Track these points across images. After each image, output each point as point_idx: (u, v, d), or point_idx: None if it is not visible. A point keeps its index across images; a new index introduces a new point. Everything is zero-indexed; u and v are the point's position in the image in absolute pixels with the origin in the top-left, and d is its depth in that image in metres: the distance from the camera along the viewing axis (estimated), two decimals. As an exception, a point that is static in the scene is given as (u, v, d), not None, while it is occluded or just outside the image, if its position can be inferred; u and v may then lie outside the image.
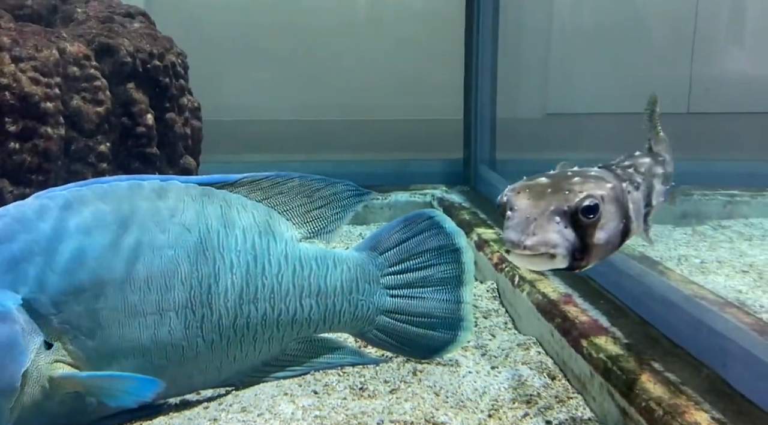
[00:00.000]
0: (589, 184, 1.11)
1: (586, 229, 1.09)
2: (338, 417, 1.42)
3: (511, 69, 3.56)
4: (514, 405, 1.51)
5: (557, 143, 3.44)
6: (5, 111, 1.83)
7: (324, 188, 1.76)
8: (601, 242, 1.10)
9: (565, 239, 1.07)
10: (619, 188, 1.15)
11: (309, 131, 3.70)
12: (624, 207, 1.15)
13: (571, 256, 1.08)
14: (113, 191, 1.54)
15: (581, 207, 1.07)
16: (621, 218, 1.14)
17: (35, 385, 1.41)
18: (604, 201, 1.10)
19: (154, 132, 2.14)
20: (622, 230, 1.14)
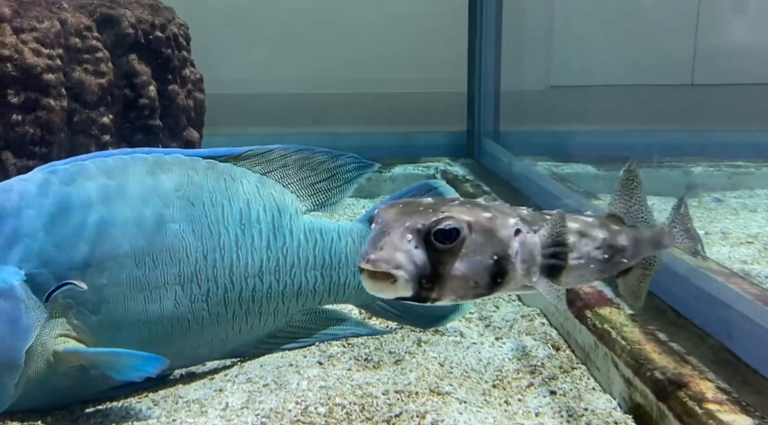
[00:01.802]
0: (460, 208, 0.98)
1: (440, 255, 0.95)
2: (343, 387, 1.43)
3: (515, 41, 3.54)
4: (518, 376, 1.51)
5: (560, 115, 3.42)
6: (7, 83, 1.82)
7: (328, 161, 1.75)
8: (457, 274, 0.96)
9: (412, 261, 0.94)
10: (503, 223, 0.99)
11: (312, 105, 3.68)
12: (502, 245, 0.98)
13: (416, 282, 0.95)
14: (117, 165, 1.54)
15: (436, 229, 0.94)
16: (492, 255, 0.98)
17: (40, 359, 1.41)
18: (472, 230, 0.96)
19: (157, 104, 2.13)
20: (492, 268, 0.98)
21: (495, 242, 0.98)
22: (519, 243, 1.00)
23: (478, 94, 3.57)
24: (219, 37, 3.43)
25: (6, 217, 1.42)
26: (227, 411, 1.36)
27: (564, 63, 3.57)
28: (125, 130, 2.08)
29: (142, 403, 1.50)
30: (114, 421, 1.43)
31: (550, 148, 3.26)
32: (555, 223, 1.02)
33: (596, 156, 3.18)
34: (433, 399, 1.37)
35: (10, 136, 1.83)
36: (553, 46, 3.59)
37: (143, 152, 1.60)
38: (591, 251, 1.08)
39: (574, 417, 1.34)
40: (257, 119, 3.60)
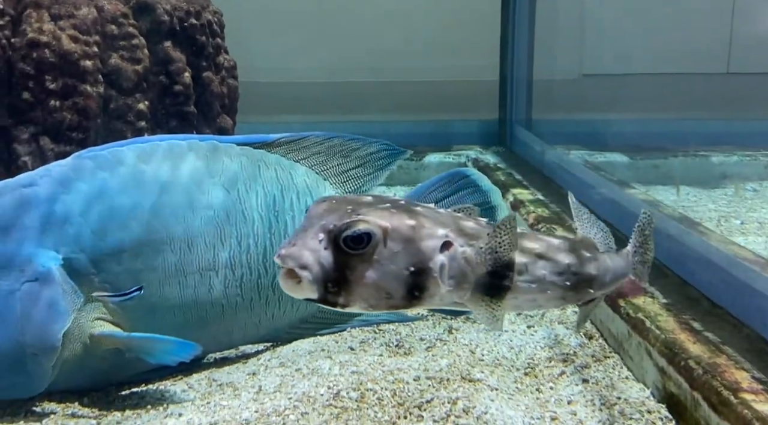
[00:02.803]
0: (383, 213, 0.91)
1: (350, 260, 0.89)
2: (375, 373, 1.44)
3: (548, 29, 3.51)
4: (550, 364, 1.51)
5: (593, 103, 3.39)
6: (45, 69, 1.85)
7: (361, 148, 1.76)
8: (367, 282, 0.89)
9: (318, 262, 0.89)
10: (428, 233, 0.92)
11: (344, 93, 3.69)
12: (421, 256, 0.91)
13: (322, 285, 0.89)
14: (153, 151, 1.55)
15: (345, 233, 0.88)
16: (409, 267, 0.90)
17: (76, 342, 1.44)
18: (388, 237, 0.89)
19: (192, 91, 2.15)
20: (408, 281, 0.90)
21: (414, 253, 0.90)
22: (448, 257, 0.92)
23: (510, 82, 3.55)
24: (252, 25, 3.44)
25: (43, 202, 1.44)
26: (260, 395, 1.37)
27: (597, 51, 3.53)
28: (160, 116, 2.10)
29: (176, 386, 1.52)
30: (149, 403, 1.45)
31: (583, 136, 3.24)
32: (493, 239, 0.93)
33: (630, 145, 3.16)
34: (464, 386, 1.37)
35: (48, 122, 1.85)
36: (586, 34, 3.55)
37: (178, 138, 1.61)
38: (548, 276, 0.97)
39: (607, 406, 1.34)
40: (289, 107, 3.61)
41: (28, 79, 1.83)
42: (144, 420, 1.35)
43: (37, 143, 1.84)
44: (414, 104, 3.68)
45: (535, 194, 2.51)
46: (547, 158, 2.94)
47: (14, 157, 1.83)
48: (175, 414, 1.34)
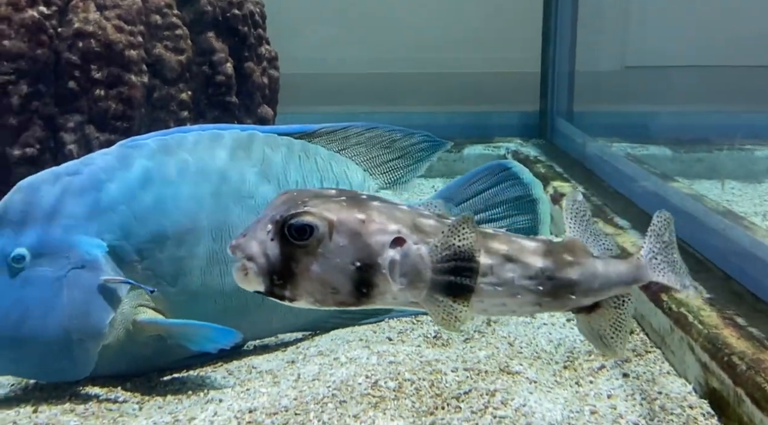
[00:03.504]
0: (331, 205, 0.89)
1: (295, 252, 0.88)
2: (412, 363, 1.44)
3: (591, 20, 3.47)
4: (590, 357, 1.50)
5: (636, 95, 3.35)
6: (91, 58, 1.88)
7: (401, 139, 1.76)
8: (312, 276, 0.88)
9: (264, 253, 0.88)
10: (378, 228, 0.89)
11: (384, 84, 3.68)
12: (368, 252, 0.88)
13: (267, 277, 0.89)
14: (196, 141, 1.57)
15: (290, 223, 0.87)
16: (356, 261, 0.88)
17: (120, 328, 1.46)
18: (333, 230, 0.88)
19: (234, 81, 2.16)
20: (354, 276, 0.88)
21: (360, 248, 0.88)
22: (400, 254, 0.89)
23: (552, 74, 3.52)
24: (293, 15, 3.45)
25: (88, 190, 1.47)
26: (299, 382, 1.38)
27: (640, 43, 3.48)
28: (202, 106, 2.12)
29: (216, 372, 1.54)
30: (190, 389, 1.47)
31: (626, 129, 3.20)
32: (448, 236, 0.89)
33: (673, 138, 3.11)
34: (502, 378, 1.37)
35: (93, 110, 1.88)
36: (630, 25, 3.50)
37: (220, 128, 1.63)
38: (517, 279, 0.93)
39: (648, 401, 1.32)
40: (329, 98, 3.62)
41: (74, 69, 1.86)
42: (185, 406, 1.37)
43: (82, 131, 1.87)
44: (454, 95, 3.66)
45: (576, 187, 2.48)
46: (588, 150, 2.91)
47: (60, 145, 1.86)
48: (215, 399, 1.36)
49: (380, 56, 3.65)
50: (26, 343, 1.39)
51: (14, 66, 1.81)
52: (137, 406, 1.41)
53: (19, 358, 1.41)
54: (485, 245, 0.92)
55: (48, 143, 1.86)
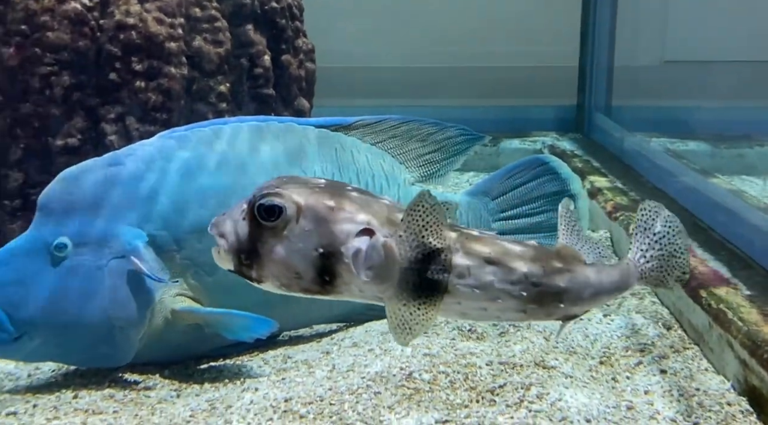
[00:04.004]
0: (302, 189, 0.88)
1: (262, 233, 0.88)
2: (447, 356, 1.44)
3: (630, 14, 3.43)
4: (627, 353, 1.48)
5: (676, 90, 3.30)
6: (131, 50, 1.90)
7: (437, 132, 1.76)
8: (276, 258, 0.88)
9: (235, 232, 0.89)
10: (346, 217, 0.88)
11: (419, 78, 3.68)
12: (332, 239, 0.87)
13: (236, 256, 0.90)
14: (233, 132, 1.59)
15: (259, 203, 0.87)
16: (319, 248, 0.87)
17: (159, 316, 1.48)
18: (300, 214, 0.87)
19: (271, 73, 2.18)
20: (316, 263, 0.87)
21: (325, 235, 0.87)
22: (366, 245, 0.86)
23: (590, 68, 3.49)
24: (330, 9, 3.46)
25: (129, 180, 1.49)
26: (334, 373, 1.39)
27: (680, 37, 3.44)
28: (240, 98, 2.13)
29: (252, 361, 1.55)
30: (227, 377, 1.48)
31: (665, 124, 3.16)
32: (415, 231, 0.85)
33: (713, 134, 3.06)
34: (537, 372, 1.36)
35: (133, 102, 1.91)
36: (670, 20, 3.46)
37: (258, 120, 1.64)
38: (497, 283, 0.89)
39: (685, 397, 1.31)
40: (365, 91, 3.62)
41: (115, 61, 1.89)
42: (222, 394, 1.39)
43: (123, 122, 1.90)
44: (490, 89, 3.65)
45: (614, 182, 2.46)
46: (626, 145, 2.88)
47: (101, 136, 1.89)
48: (251, 388, 1.37)
49: (417, 50, 3.65)
50: (68, 330, 1.41)
51: (57, 57, 1.84)
52: (175, 393, 1.43)
53: (61, 345, 1.43)
54: (465, 246, 0.89)
55: (89, 133, 1.89)
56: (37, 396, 1.41)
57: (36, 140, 1.85)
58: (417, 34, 3.64)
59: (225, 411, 1.28)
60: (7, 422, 1.30)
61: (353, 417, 1.24)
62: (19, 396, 1.42)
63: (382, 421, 1.23)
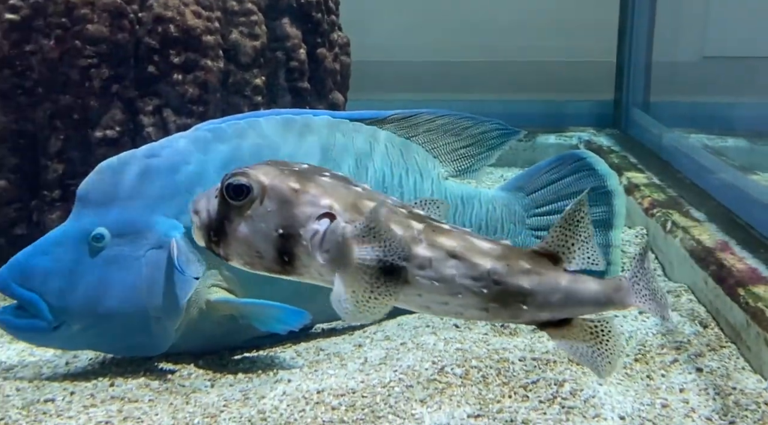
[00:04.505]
0: (270, 170, 0.91)
1: (229, 211, 0.90)
2: (479, 351, 1.43)
3: (670, 10, 3.38)
4: (662, 351, 1.47)
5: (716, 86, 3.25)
6: (169, 43, 1.91)
7: (472, 127, 1.75)
8: (239, 236, 0.90)
9: (207, 209, 0.92)
10: (309, 200, 0.89)
11: (455, 72, 3.66)
12: (293, 221, 0.88)
13: (206, 233, 0.93)
14: (268, 125, 1.59)
15: (227, 182, 0.90)
16: (279, 229, 0.89)
17: (195, 307, 1.50)
18: (265, 194, 0.89)
19: (306, 67, 2.18)
20: (276, 243, 0.89)
21: (286, 216, 0.89)
22: (326, 229, 0.88)
23: (628, 64, 3.45)
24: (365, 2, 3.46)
25: (166, 172, 1.50)
26: (366, 366, 1.40)
27: (720, 33, 3.38)
28: (275, 91, 2.14)
29: (285, 353, 1.56)
30: (260, 368, 1.49)
31: (704, 120, 3.11)
32: (371, 218, 0.86)
33: (753, 130, 3.01)
34: (571, 369, 1.36)
35: (171, 94, 1.92)
36: (710, 15, 3.40)
37: (293, 113, 1.65)
38: (458, 278, 0.88)
39: (722, 396, 1.29)
40: (399, 85, 3.61)
41: (153, 53, 1.91)
42: (255, 384, 1.40)
43: (160, 114, 1.92)
44: (526, 84, 3.62)
45: (651, 178, 2.43)
46: (664, 141, 2.85)
47: (139, 128, 1.91)
48: (284, 379, 1.38)
49: (453, 44, 3.63)
50: (106, 319, 1.43)
51: (96, 50, 1.86)
52: (209, 383, 1.44)
53: (99, 334, 1.46)
54: (430, 238, 0.88)
55: (127, 125, 1.91)
56: (74, 384, 1.44)
57: (75, 131, 1.88)
58: (453, 28, 3.63)
59: (258, 401, 1.29)
60: (46, 409, 1.32)
61: (385, 410, 1.24)
62: (57, 383, 1.45)
63: (414, 415, 1.23)
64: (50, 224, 1.81)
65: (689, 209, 2.04)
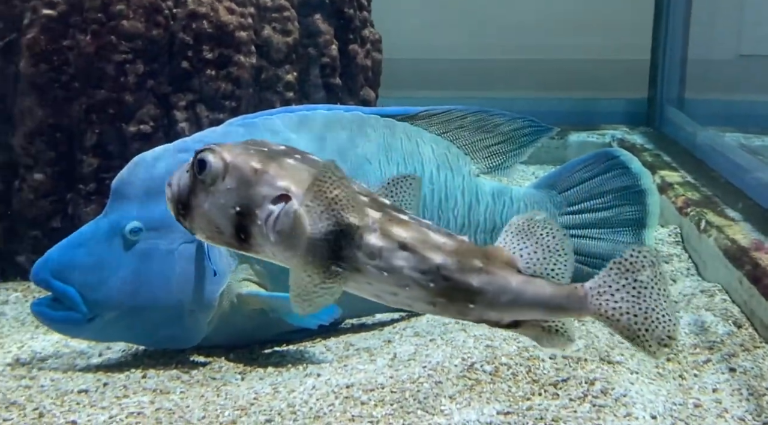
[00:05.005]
0: (237, 148, 0.92)
1: (195, 186, 0.92)
2: (509, 348, 1.43)
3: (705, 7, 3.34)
4: (695, 351, 1.45)
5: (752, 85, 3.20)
6: (203, 39, 1.93)
7: (504, 124, 1.74)
8: (201, 211, 0.92)
9: (178, 182, 0.94)
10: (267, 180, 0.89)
11: (486, 70, 3.65)
12: (250, 200, 0.89)
13: (175, 205, 0.94)
14: (300, 121, 1.60)
15: (196, 156, 0.91)
16: (236, 206, 0.89)
17: (226, 300, 1.51)
18: (227, 172, 0.90)
19: (338, 63, 2.19)
20: (233, 220, 0.90)
21: (244, 195, 0.89)
22: (281, 210, 0.88)
23: (662, 61, 3.41)
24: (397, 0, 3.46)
25: (198, 167, 1.51)
26: (395, 361, 1.40)
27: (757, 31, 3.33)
28: (307, 87, 2.15)
29: (315, 348, 1.57)
30: (290, 362, 1.50)
31: (740, 118, 3.07)
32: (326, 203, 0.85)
33: (791, 130, 2.97)
34: (602, 367, 1.34)
35: (204, 90, 1.94)
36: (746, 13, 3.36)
37: (324, 108, 1.65)
38: (407, 270, 0.87)
39: (755, 396, 1.27)
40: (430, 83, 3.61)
41: (187, 49, 1.92)
42: (285, 378, 1.41)
43: (193, 110, 1.93)
44: (557, 81, 3.60)
45: (685, 177, 2.40)
46: (699, 139, 2.81)
47: (173, 123, 1.93)
48: (314, 374, 1.39)
49: (484, 41, 3.62)
50: (140, 312, 1.45)
51: (131, 45, 1.88)
52: (239, 376, 1.45)
53: (132, 326, 1.47)
54: (384, 227, 0.87)
55: (161, 120, 1.93)
56: (107, 375, 1.46)
57: (110, 125, 1.90)
58: (485, 25, 3.62)
59: (288, 394, 1.29)
60: (79, 399, 1.34)
61: (414, 406, 1.24)
62: (90, 374, 1.47)
63: (443, 410, 1.23)
64: (85, 217, 1.84)
65: (724, 208, 2.01)
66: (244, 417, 1.23)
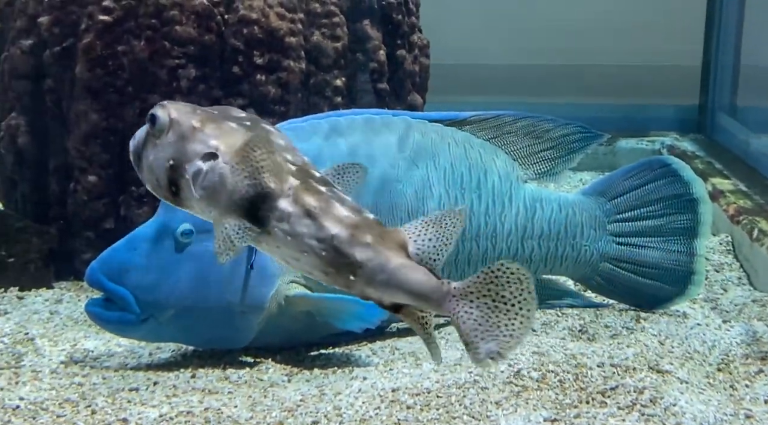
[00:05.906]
0: (187, 107, 0.98)
1: (147, 139, 0.98)
2: (557, 355, 1.42)
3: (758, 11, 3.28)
4: (746, 361, 1.43)
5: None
6: (254, 44, 1.96)
7: (553, 130, 1.73)
8: (146, 161, 0.98)
9: (138, 136, 1.00)
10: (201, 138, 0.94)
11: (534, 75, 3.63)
12: (181, 155, 0.95)
13: (135, 157, 1.00)
14: (349, 125, 1.61)
15: (150, 112, 0.98)
16: (170, 160, 0.95)
17: (274, 302, 1.53)
18: (171, 127, 0.96)
19: (386, 68, 2.20)
20: (168, 173, 0.96)
21: (178, 150, 0.95)
22: (208, 167, 0.93)
23: (714, 67, 3.36)
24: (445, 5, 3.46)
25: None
26: (441, 366, 1.40)
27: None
28: (355, 92, 2.16)
29: (361, 351, 1.58)
30: (336, 365, 1.51)
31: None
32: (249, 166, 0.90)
33: None
34: (651, 376, 1.33)
35: (254, 94, 1.97)
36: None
37: (372, 113, 1.66)
38: (306, 237, 0.90)
39: (810, 410, 1.25)
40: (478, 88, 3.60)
41: (238, 54, 1.95)
42: (331, 380, 1.42)
43: (244, 114, 1.96)
44: (606, 87, 3.56)
45: (737, 185, 2.37)
46: (751, 147, 2.76)
47: (223, 127, 1.95)
48: (359, 377, 1.39)
49: (532, 47, 3.60)
50: (192, 313, 1.48)
51: (184, 51, 1.91)
52: (286, 378, 1.46)
53: (184, 327, 1.50)
54: (297, 194, 0.91)
55: (212, 124, 1.95)
56: (157, 374, 1.48)
57: (162, 129, 1.93)
58: (533, 30, 3.60)
59: (334, 397, 1.30)
60: (130, 397, 1.36)
61: (460, 411, 1.24)
62: (140, 373, 1.49)
63: (489, 416, 1.22)
64: (137, 219, 1.87)
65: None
66: (291, 418, 1.24)
